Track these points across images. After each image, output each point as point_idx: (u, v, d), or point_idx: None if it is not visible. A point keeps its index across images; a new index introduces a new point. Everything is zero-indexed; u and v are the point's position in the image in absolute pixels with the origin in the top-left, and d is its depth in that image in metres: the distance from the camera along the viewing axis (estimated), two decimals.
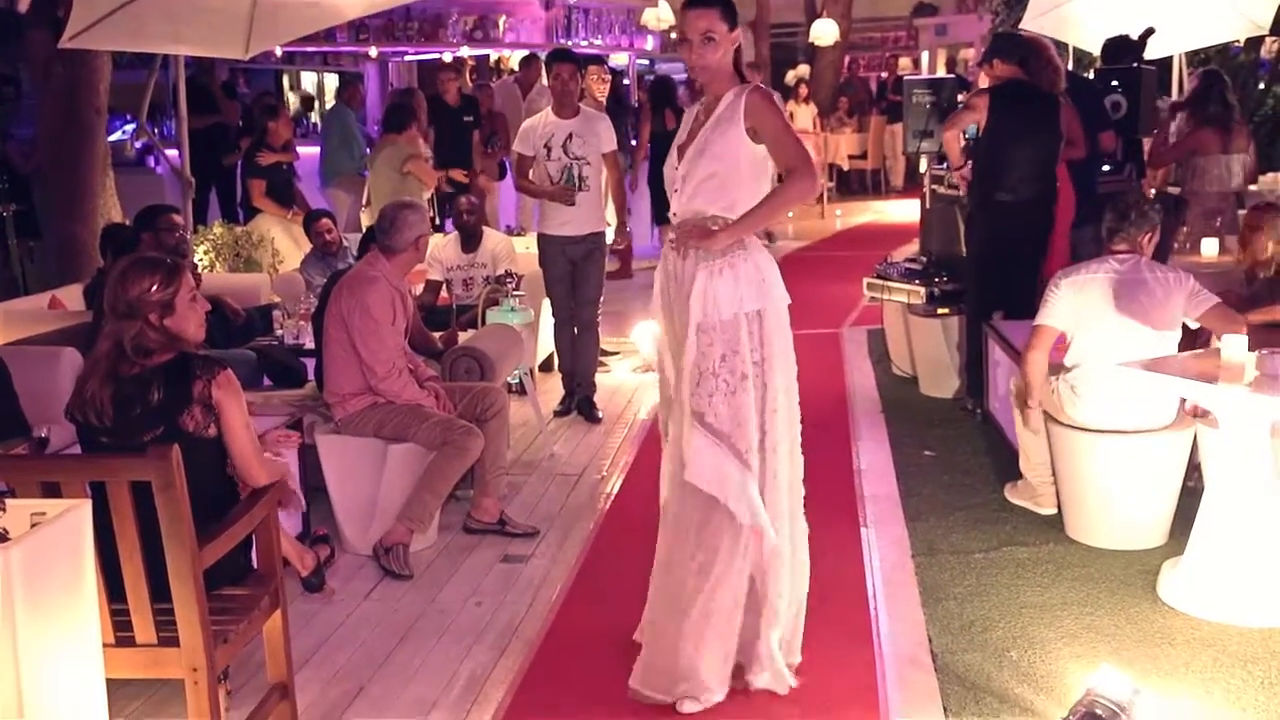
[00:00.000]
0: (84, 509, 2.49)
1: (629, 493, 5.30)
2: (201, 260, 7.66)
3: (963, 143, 6.16)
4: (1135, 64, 7.14)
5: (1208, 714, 3.33)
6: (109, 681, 2.57)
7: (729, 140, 3.32)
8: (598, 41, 12.98)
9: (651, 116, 10.21)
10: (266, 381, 5.48)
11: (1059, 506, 4.75)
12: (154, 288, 3.14)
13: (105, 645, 2.62)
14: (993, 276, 6.03)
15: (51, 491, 2.72)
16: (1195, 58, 9.31)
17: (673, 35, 18.42)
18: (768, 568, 3.39)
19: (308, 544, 4.21)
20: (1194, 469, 4.68)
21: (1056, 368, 4.64)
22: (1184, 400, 4.45)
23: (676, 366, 3.43)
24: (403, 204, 4.99)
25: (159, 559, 2.77)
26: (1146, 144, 7.51)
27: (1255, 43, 10.57)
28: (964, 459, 5.56)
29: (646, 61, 17.99)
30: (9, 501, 2.45)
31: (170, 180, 9.00)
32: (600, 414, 6.46)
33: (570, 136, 6.22)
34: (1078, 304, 4.51)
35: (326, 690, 3.58)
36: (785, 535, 3.40)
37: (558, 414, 6.50)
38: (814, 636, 3.65)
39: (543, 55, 9.23)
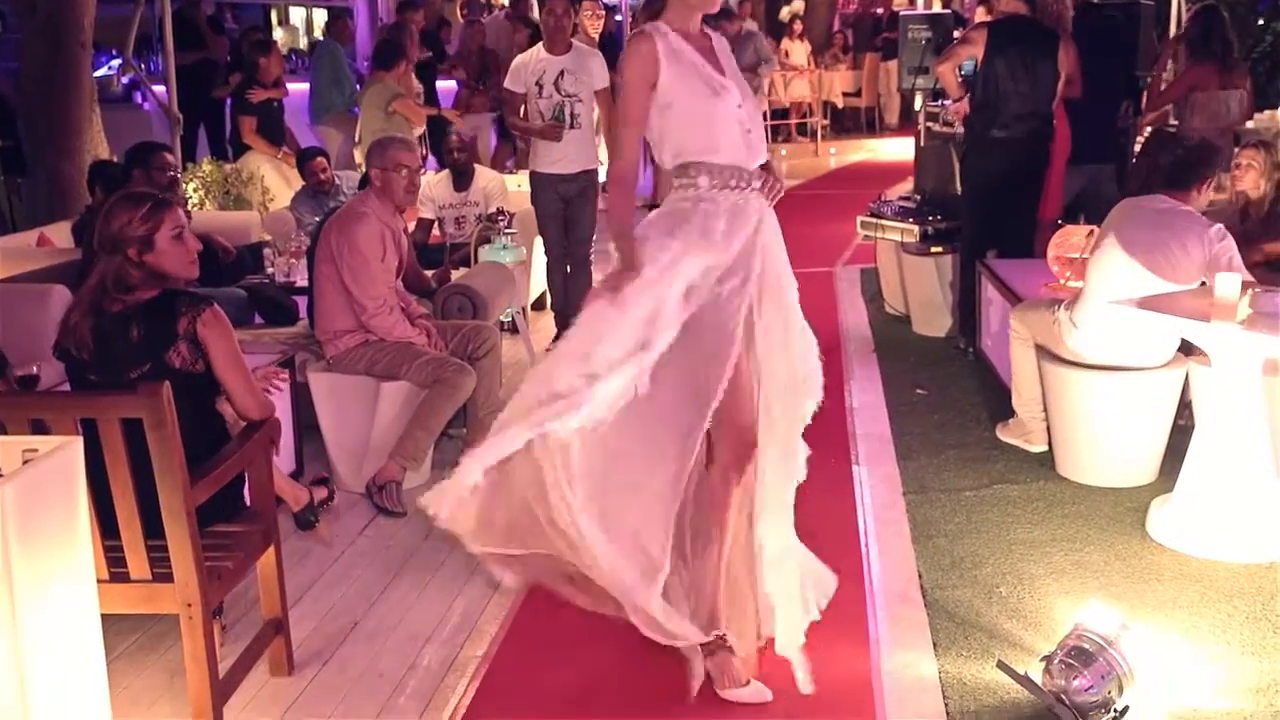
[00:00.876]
0: (76, 446, 2.48)
1: None
2: (191, 198, 7.60)
3: (959, 77, 6.10)
4: None
5: (1194, 648, 3.37)
6: (104, 617, 2.58)
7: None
8: None
9: None
10: (258, 320, 5.45)
11: (1050, 444, 4.77)
12: (133, 222, 3.10)
13: (100, 581, 2.62)
14: (987, 215, 6.00)
15: (42, 429, 2.72)
16: None
17: None
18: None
19: (308, 485, 4.20)
20: (1185, 407, 4.70)
21: (1059, 300, 4.63)
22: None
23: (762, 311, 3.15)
24: (389, 136, 5.00)
25: (152, 496, 2.77)
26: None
27: None
28: (956, 397, 5.58)
29: None
30: (0, 438, 2.44)
31: (158, 117, 8.90)
32: None
33: (562, 73, 6.15)
34: (1122, 237, 4.33)
35: (321, 625, 3.61)
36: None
37: (550, 353, 6.48)
38: None
39: None
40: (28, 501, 2.26)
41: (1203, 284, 4.24)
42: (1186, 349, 4.55)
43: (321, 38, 12.52)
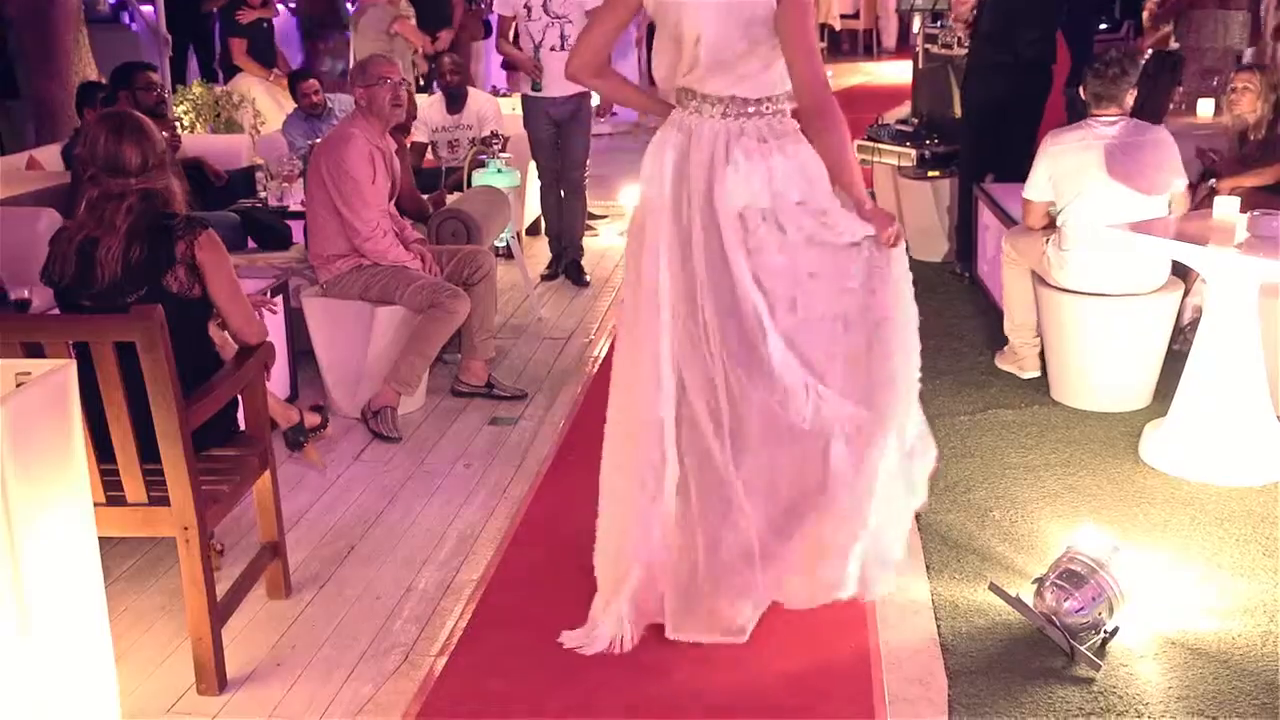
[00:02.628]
0: (69, 369, 2.47)
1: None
2: (181, 121, 7.51)
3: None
4: None
5: (1184, 570, 3.40)
6: (101, 540, 2.59)
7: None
8: None
9: None
10: (251, 244, 5.42)
11: (1044, 370, 4.78)
12: (159, 137, 3.09)
13: (96, 505, 2.63)
14: (987, 140, 5.95)
15: (34, 353, 2.71)
16: None
17: None
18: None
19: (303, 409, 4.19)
20: (1179, 332, 4.70)
21: (1048, 230, 4.61)
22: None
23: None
24: (369, 55, 5.04)
25: (147, 419, 2.77)
26: None
27: None
28: (952, 323, 5.57)
29: None
30: None
31: (146, 38, 8.77)
32: (588, 278, 6.43)
33: None
34: (1063, 171, 4.46)
35: (317, 549, 3.63)
36: None
37: (545, 278, 6.47)
38: None
39: None
40: (22, 425, 2.26)
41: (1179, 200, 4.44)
42: (1180, 273, 4.54)
43: None
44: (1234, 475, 3.92)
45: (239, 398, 3.22)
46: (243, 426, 3.31)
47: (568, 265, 6.48)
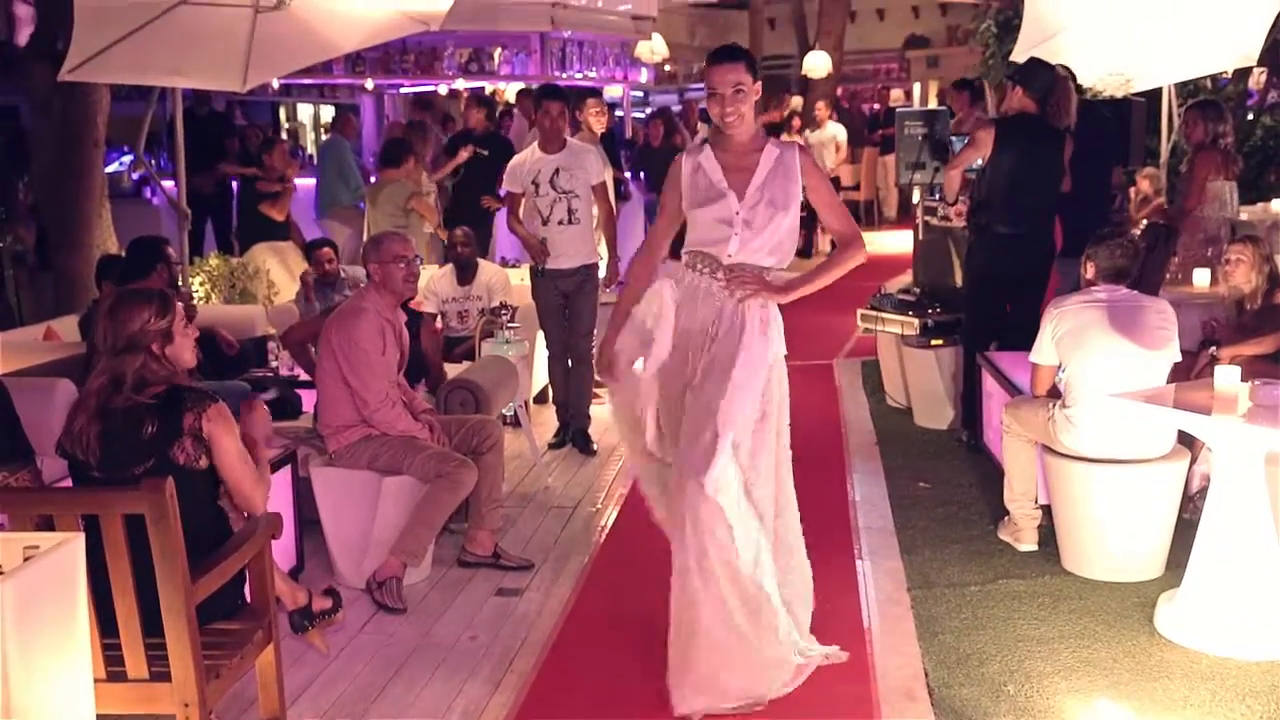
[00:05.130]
0: (77, 542, 2.48)
1: (624, 525, 5.29)
2: (197, 291, 7.66)
3: (963, 181, 6.15)
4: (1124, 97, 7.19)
5: None
6: (100, 717, 2.55)
7: (790, 196, 3.64)
8: (592, 74, 13.01)
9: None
10: None
11: (1054, 539, 4.74)
12: (153, 319, 3.14)
13: (96, 680, 2.60)
14: (989, 308, 6.04)
15: (45, 524, 2.71)
16: (1185, 89, 9.37)
17: (666, 68, 18.56)
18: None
19: (317, 592, 4.10)
20: (1189, 500, 4.68)
21: (1051, 396, 4.65)
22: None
23: (688, 391, 3.62)
24: (383, 231, 5.14)
25: (152, 593, 2.76)
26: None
27: (1243, 74, 10.65)
28: (959, 491, 5.56)
29: (641, 94, 18.08)
30: (2, 535, 2.43)
31: (166, 211, 9.02)
32: (595, 446, 6.45)
33: (557, 171, 6.23)
34: (1066, 329, 4.53)
35: None
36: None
37: (552, 446, 6.49)
38: (809, 670, 3.63)
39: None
40: (27, 599, 2.25)
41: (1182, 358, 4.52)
42: (1186, 440, 4.56)
43: (327, 134, 12.74)
44: (1254, 649, 3.85)
45: (246, 570, 3.21)
46: (249, 599, 3.28)
47: (575, 434, 6.51)
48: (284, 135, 14.70)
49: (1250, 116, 11.24)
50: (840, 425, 6.80)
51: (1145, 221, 7.40)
